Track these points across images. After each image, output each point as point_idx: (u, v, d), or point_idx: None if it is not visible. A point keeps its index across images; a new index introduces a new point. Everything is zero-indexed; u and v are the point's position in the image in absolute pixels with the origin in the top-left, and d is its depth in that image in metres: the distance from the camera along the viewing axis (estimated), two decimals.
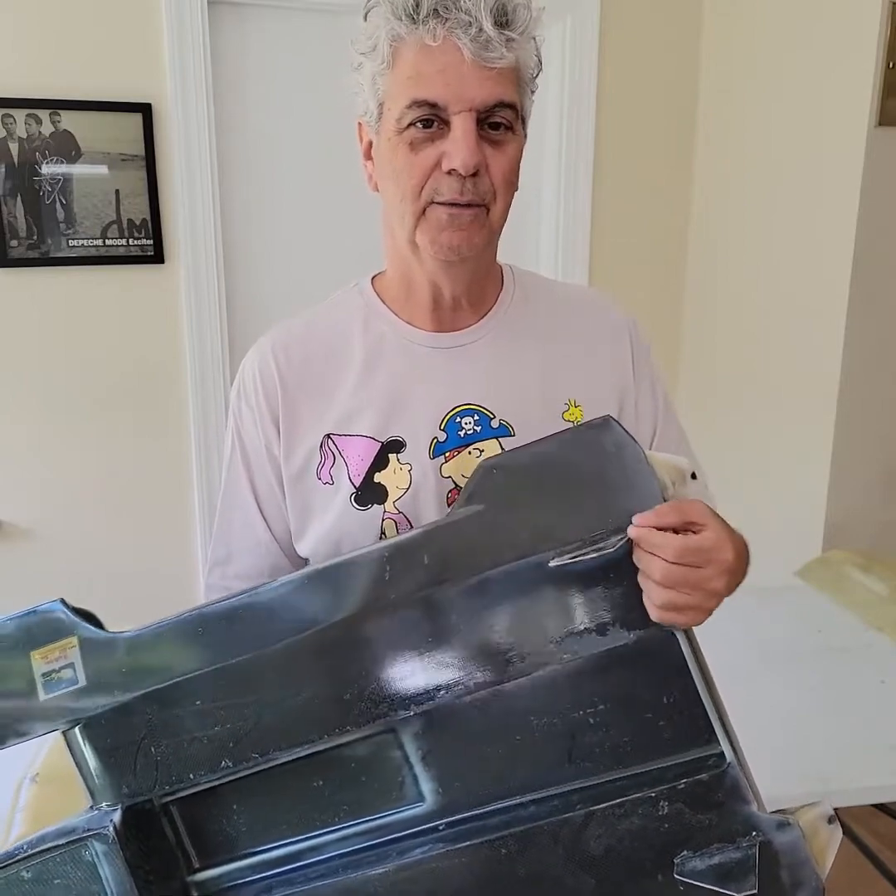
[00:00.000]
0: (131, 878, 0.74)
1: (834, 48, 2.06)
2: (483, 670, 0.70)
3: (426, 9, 0.77)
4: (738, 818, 0.67)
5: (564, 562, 0.67)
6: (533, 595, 0.69)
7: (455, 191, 0.81)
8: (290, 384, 0.91)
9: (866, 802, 1.73)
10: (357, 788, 0.75)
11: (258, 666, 0.72)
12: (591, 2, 2.38)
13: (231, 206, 2.29)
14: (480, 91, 0.79)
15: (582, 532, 0.68)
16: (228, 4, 2.18)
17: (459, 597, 0.70)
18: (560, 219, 2.52)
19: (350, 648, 0.72)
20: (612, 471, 0.69)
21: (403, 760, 0.74)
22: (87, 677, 0.74)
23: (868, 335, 2.12)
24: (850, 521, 2.21)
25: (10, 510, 2.25)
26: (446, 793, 0.74)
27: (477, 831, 0.72)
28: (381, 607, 0.71)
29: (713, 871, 0.67)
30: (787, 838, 0.66)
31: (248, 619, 0.73)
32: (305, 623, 0.72)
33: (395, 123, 0.81)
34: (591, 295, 1.06)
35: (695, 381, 2.70)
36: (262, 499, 0.95)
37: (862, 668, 1.63)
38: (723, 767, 0.68)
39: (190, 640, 0.74)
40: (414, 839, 0.74)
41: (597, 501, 0.68)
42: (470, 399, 0.90)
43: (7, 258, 2.09)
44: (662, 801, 0.68)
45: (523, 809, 0.72)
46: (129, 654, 0.74)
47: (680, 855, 0.68)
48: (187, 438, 2.35)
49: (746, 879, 0.66)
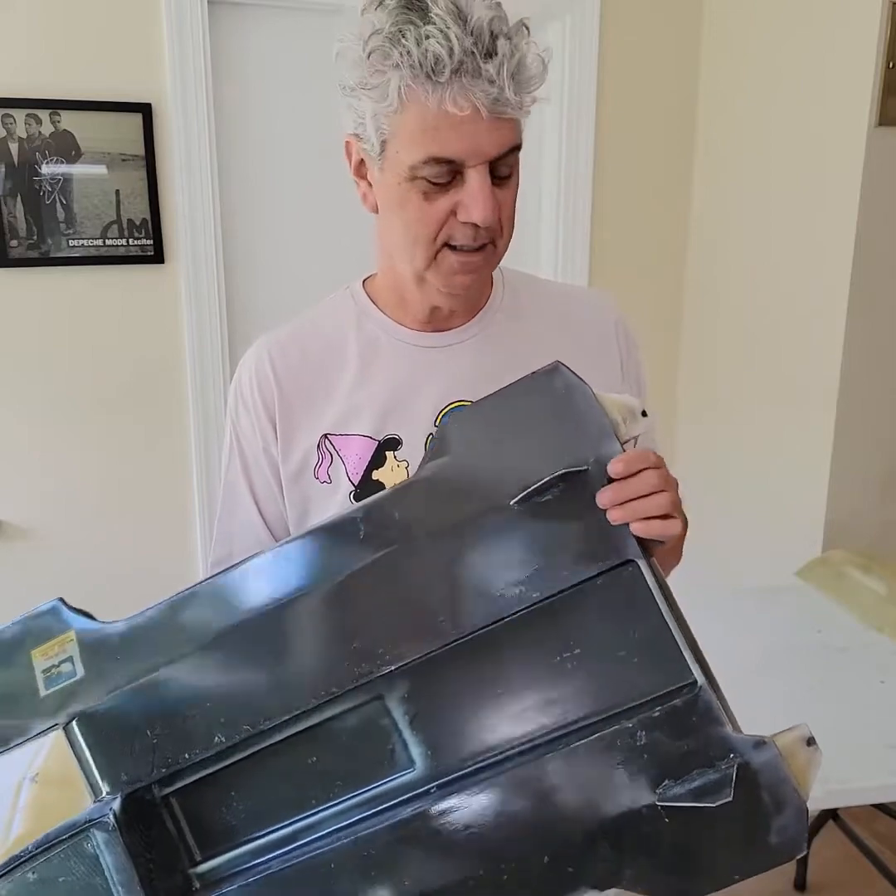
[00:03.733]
0: (133, 867, 0.74)
1: (834, 48, 2.05)
2: (461, 615, 0.72)
3: (447, 73, 0.74)
4: (715, 741, 0.68)
5: (523, 494, 0.70)
6: (500, 537, 0.72)
7: (469, 237, 0.82)
8: (287, 386, 0.92)
9: (866, 802, 1.74)
10: (349, 761, 0.76)
11: (244, 638, 0.74)
12: (592, 2, 2.38)
13: (231, 206, 2.29)
14: (496, 144, 0.79)
15: (540, 472, 0.71)
16: (228, 4, 2.18)
17: (432, 547, 0.72)
18: (560, 219, 2.52)
19: (331, 611, 0.74)
20: (565, 412, 0.72)
21: (392, 727, 0.75)
22: (85, 668, 0.76)
23: (868, 335, 2.12)
24: (850, 521, 2.21)
25: (10, 510, 2.25)
26: (435, 755, 0.75)
27: (467, 787, 0.73)
28: (359, 567, 0.73)
29: (692, 792, 0.68)
30: (764, 757, 0.67)
31: (233, 593, 0.75)
32: (288, 591, 0.74)
33: (408, 170, 0.79)
34: (582, 293, 1.07)
35: (695, 381, 2.70)
36: (261, 499, 0.96)
37: (862, 668, 1.63)
38: (694, 692, 0.69)
39: (180, 620, 0.76)
40: (408, 805, 0.75)
41: (553, 442, 0.72)
42: (463, 395, 0.91)
43: (7, 258, 2.09)
44: (639, 730, 0.69)
45: (509, 762, 0.73)
46: (123, 641, 0.76)
47: (662, 785, 0.69)
48: (187, 438, 2.35)
49: (722, 791, 0.67)
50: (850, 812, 2.14)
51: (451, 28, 0.73)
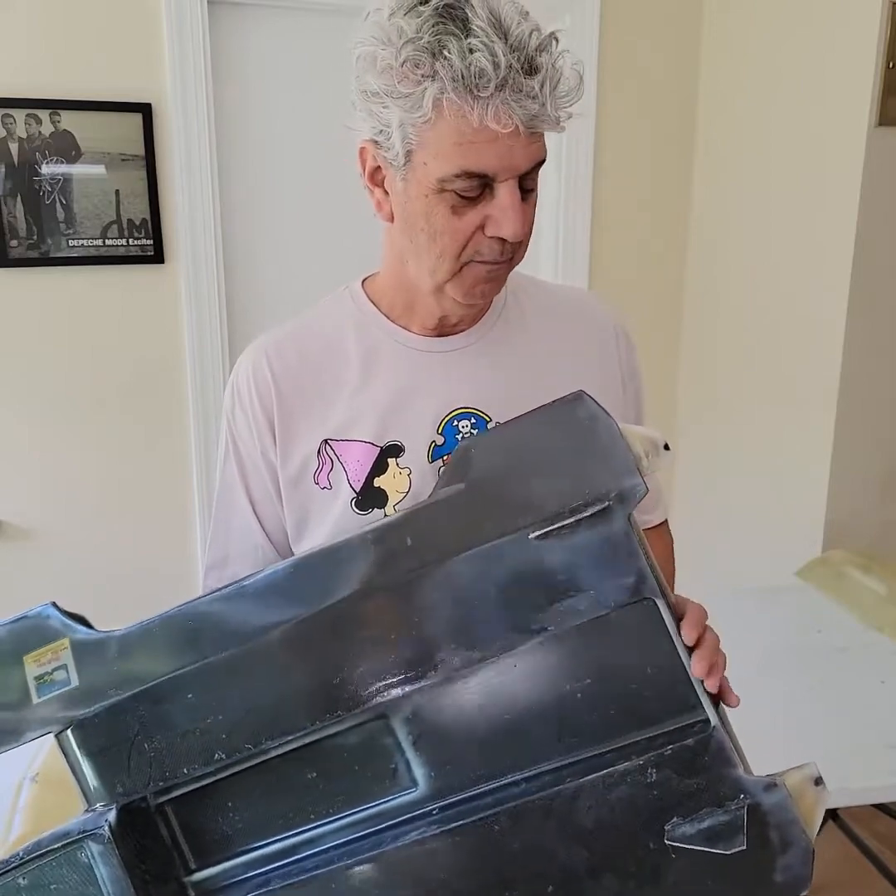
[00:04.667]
0: (128, 879, 0.73)
1: (834, 48, 2.06)
2: (470, 648, 0.71)
3: (491, 88, 0.72)
4: (726, 782, 0.69)
5: (544, 531, 0.69)
6: (516, 569, 0.70)
7: (496, 252, 0.82)
8: (285, 389, 0.91)
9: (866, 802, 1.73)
10: (351, 778, 0.75)
11: (249, 656, 0.73)
12: (591, 2, 2.38)
13: (231, 207, 2.29)
14: (528, 159, 0.78)
15: (560, 504, 0.69)
16: (228, 4, 2.18)
17: (445, 576, 0.71)
18: (560, 219, 2.52)
19: (338, 634, 0.72)
20: (587, 444, 0.70)
21: (395, 747, 0.74)
22: (80, 678, 0.74)
23: (868, 335, 2.12)
24: (850, 521, 2.21)
25: (10, 510, 2.25)
26: (438, 777, 0.74)
27: (469, 812, 0.73)
28: (367, 591, 0.72)
29: (703, 833, 0.68)
30: (774, 799, 0.68)
31: (235, 611, 0.74)
32: (293, 611, 0.73)
33: (437, 183, 0.77)
34: (582, 296, 1.07)
35: (695, 381, 2.70)
36: (257, 503, 0.94)
37: (862, 668, 1.63)
38: (707, 732, 0.69)
39: (179, 635, 0.74)
40: (409, 825, 0.74)
41: (573, 474, 0.70)
42: (466, 402, 0.90)
43: (7, 258, 2.09)
44: (650, 768, 0.70)
45: (515, 787, 0.73)
46: (119, 652, 0.74)
47: (670, 822, 0.69)
48: (187, 438, 2.35)
49: (735, 838, 0.68)
50: (850, 812, 2.14)
51: (495, 42, 0.71)
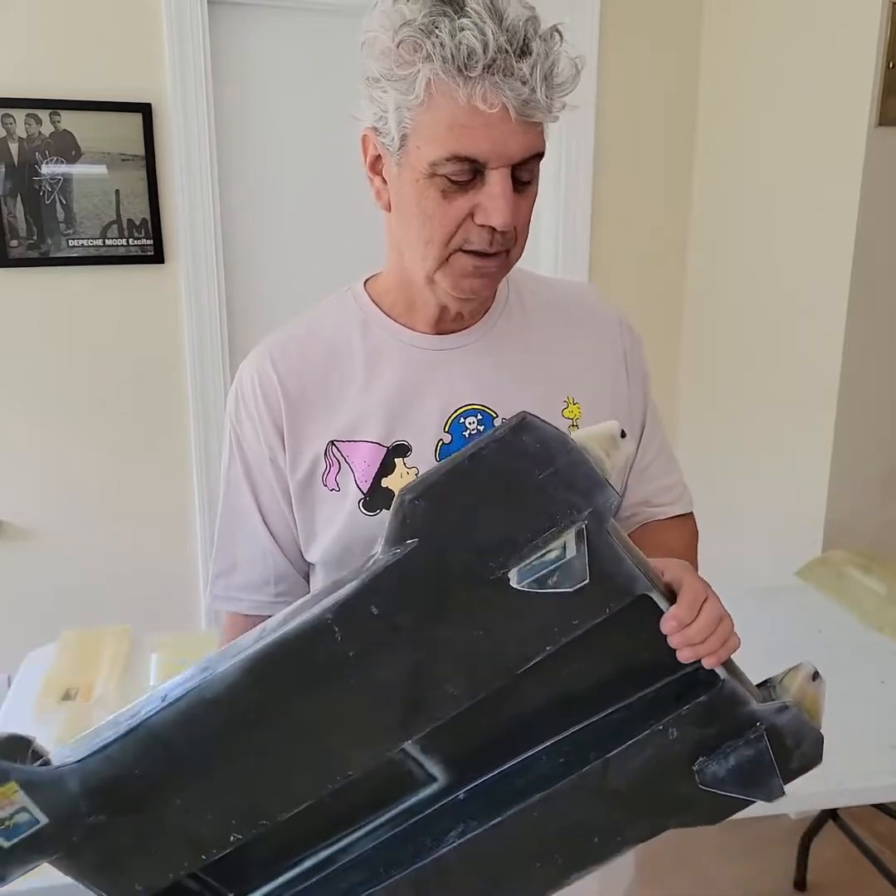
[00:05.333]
0: None
1: (834, 48, 2.05)
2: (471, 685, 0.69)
3: (479, 68, 0.72)
4: (741, 717, 0.72)
5: (525, 586, 0.64)
6: (498, 610, 0.67)
7: (485, 242, 0.80)
8: (292, 392, 0.90)
9: (866, 802, 1.73)
10: (367, 791, 0.74)
11: (233, 754, 0.69)
12: (591, 2, 2.38)
13: (231, 207, 2.29)
14: (521, 147, 0.77)
15: (530, 536, 0.65)
16: (228, 4, 2.18)
17: (423, 633, 0.67)
18: (560, 219, 2.52)
19: (323, 718, 0.69)
20: (543, 467, 0.65)
21: (404, 756, 0.74)
22: (47, 814, 0.68)
23: (868, 335, 2.12)
24: (850, 521, 2.21)
25: (10, 510, 2.26)
26: (456, 767, 0.74)
27: (501, 800, 0.73)
28: (344, 669, 0.67)
29: (734, 776, 0.71)
30: (786, 718, 0.72)
31: (201, 715, 0.68)
32: (273, 701, 0.68)
33: (428, 167, 0.77)
34: (584, 290, 1.06)
35: (695, 382, 2.70)
36: (265, 508, 0.93)
37: (862, 668, 1.63)
38: (718, 685, 0.71)
39: (146, 754, 0.68)
40: (441, 818, 0.74)
41: (537, 502, 0.65)
42: (472, 399, 0.90)
43: (7, 258, 2.09)
44: (671, 728, 0.71)
45: (537, 763, 0.74)
46: (82, 783, 0.68)
47: (697, 763, 0.72)
48: (187, 438, 2.35)
49: (772, 782, 0.71)
50: (850, 812, 2.14)
51: (486, 23, 0.71)
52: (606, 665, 0.73)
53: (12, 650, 1.74)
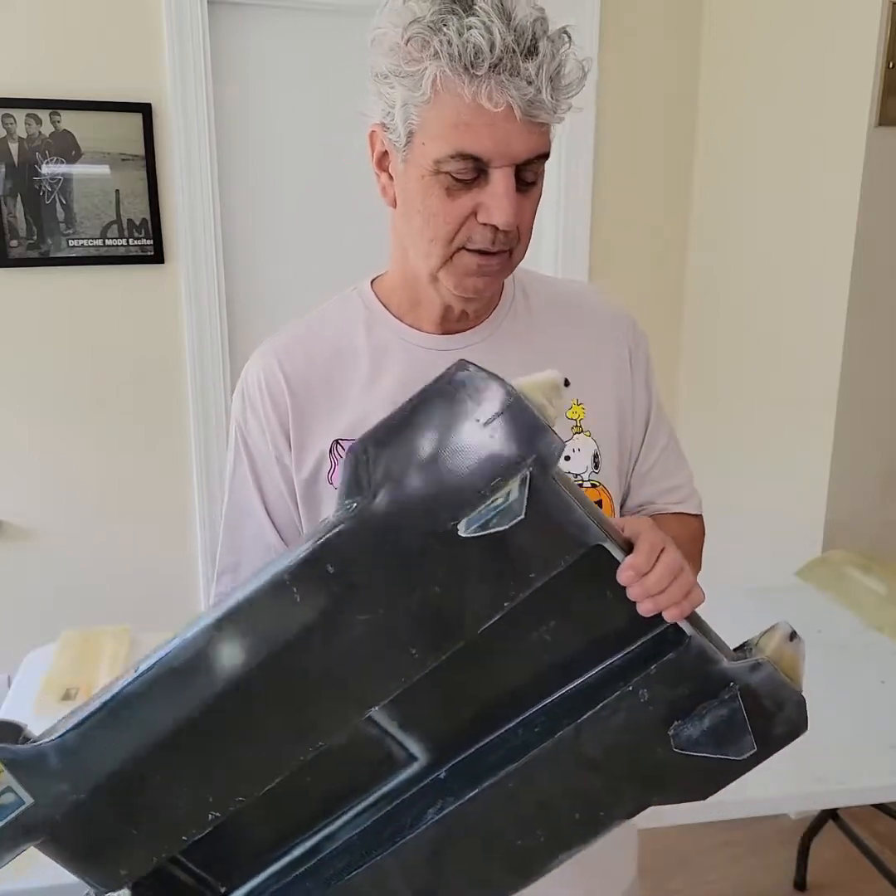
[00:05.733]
0: None
1: (834, 48, 2.06)
2: (433, 644, 0.68)
3: (486, 67, 0.73)
4: (713, 676, 0.70)
5: (473, 532, 0.64)
6: (452, 565, 0.66)
7: (488, 241, 0.81)
8: (298, 392, 0.91)
9: (866, 802, 1.73)
10: (348, 773, 0.75)
11: (203, 723, 0.69)
12: (591, 2, 2.38)
13: (231, 207, 2.29)
14: (525, 147, 0.78)
15: (477, 485, 0.64)
16: (228, 4, 2.18)
17: (380, 592, 0.67)
18: (560, 219, 2.52)
19: (288, 683, 0.69)
20: (484, 415, 0.65)
21: (382, 734, 0.74)
22: (32, 794, 0.69)
23: (868, 336, 2.12)
24: (850, 521, 2.21)
25: (10, 510, 2.26)
26: (435, 745, 0.74)
27: (477, 774, 0.73)
28: (304, 631, 0.67)
29: (709, 736, 0.70)
30: (760, 676, 0.70)
31: (170, 684, 0.68)
32: (237, 667, 0.67)
33: (433, 164, 0.78)
34: (588, 289, 1.06)
35: (695, 382, 2.70)
36: (271, 506, 0.94)
37: (862, 668, 1.63)
38: (686, 642, 0.70)
39: (119, 727, 0.69)
40: (422, 798, 0.74)
41: (481, 450, 0.64)
42: None
43: (7, 258, 2.09)
44: (641, 689, 0.70)
45: (514, 736, 0.73)
46: (62, 760, 0.69)
47: (672, 727, 0.70)
48: (187, 438, 2.35)
49: (743, 739, 0.70)
50: (850, 812, 2.14)
51: (494, 22, 0.72)
52: (576, 632, 0.72)
53: (12, 650, 1.74)
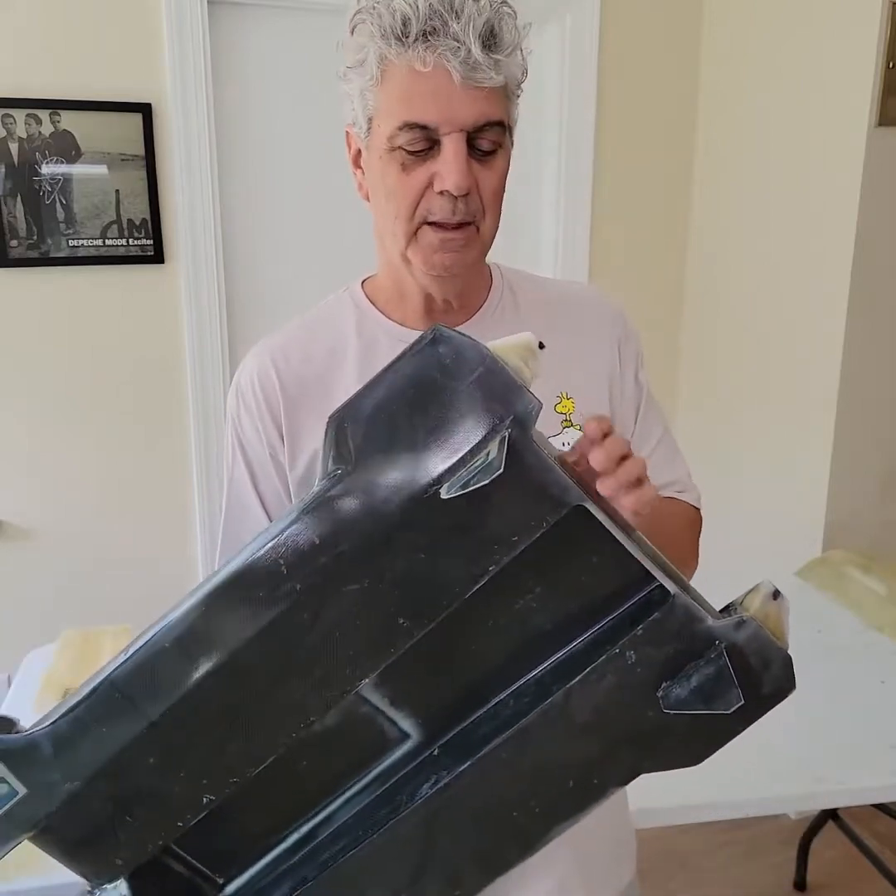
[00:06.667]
0: None
1: (834, 48, 2.06)
2: (419, 612, 0.68)
3: (414, 33, 0.77)
4: (698, 635, 0.71)
5: (455, 493, 0.64)
6: (435, 529, 0.66)
7: (447, 210, 0.82)
8: (291, 390, 0.92)
9: (866, 802, 1.74)
10: (341, 753, 0.75)
11: (194, 702, 0.69)
12: (591, 2, 2.38)
13: (231, 206, 2.29)
14: (470, 112, 0.79)
15: (457, 448, 0.65)
16: (228, 4, 2.18)
17: (367, 560, 0.67)
18: (560, 219, 2.52)
19: (276, 658, 0.69)
20: (461, 378, 0.65)
21: (374, 711, 0.74)
22: (26, 784, 0.69)
23: (868, 336, 2.12)
24: (850, 521, 2.21)
25: (10, 510, 2.26)
26: (427, 721, 0.74)
27: (471, 748, 0.73)
28: (292, 603, 0.67)
29: (696, 694, 0.71)
30: (746, 633, 0.70)
31: (161, 665, 0.68)
32: (227, 643, 0.68)
33: (387, 142, 0.81)
34: (577, 287, 1.07)
35: (695, 382, 2.70)
36: (269, 506, 0.95)
37: (862, 668, 1.63)
38: (670, 601, 0.70)
39: (112, 711, 0.69)
40: (417, 775, 0.74)
41: (459, 413, 0.65)
42: None
43: (7, 258, 2.09)
44: (628, 651, 0.71)
45: (506, 707, 0.73)
46: (55, 747, 0.69)
47: (661, 688, 0.71)
48: (187, 438, 2.35)
49: (730, 692, 0.70)
50: (850, 812, 2.14)
51: None
52: (562, 598, 0.72)
53: (12, 650, 1.74)
